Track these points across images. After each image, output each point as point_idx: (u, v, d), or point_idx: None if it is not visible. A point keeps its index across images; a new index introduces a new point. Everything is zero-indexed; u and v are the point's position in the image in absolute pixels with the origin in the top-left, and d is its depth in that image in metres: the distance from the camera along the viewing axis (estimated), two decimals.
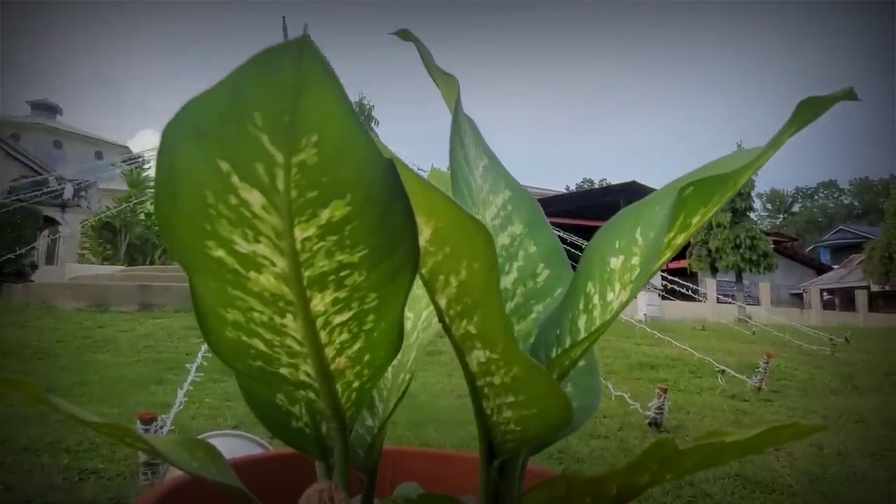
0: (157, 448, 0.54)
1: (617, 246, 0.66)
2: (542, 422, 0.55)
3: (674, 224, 0.56)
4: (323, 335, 0.51)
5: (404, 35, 0.71)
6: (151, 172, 18.01)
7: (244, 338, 0.52)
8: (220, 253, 0.43)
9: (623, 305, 0.56)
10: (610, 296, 0.64)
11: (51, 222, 18.12)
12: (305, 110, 0.31)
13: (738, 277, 21.58)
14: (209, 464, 0.60)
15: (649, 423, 2.98)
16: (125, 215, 14.52)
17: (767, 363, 4.44)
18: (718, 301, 18.68)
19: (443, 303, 0.50)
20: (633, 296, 0.55)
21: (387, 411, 0.68)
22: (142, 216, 15.32)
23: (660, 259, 0.57)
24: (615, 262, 0.66)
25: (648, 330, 6.45)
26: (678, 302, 17.27)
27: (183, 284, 7.80)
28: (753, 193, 23.58)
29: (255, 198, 0.38)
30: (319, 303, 0.47)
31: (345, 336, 0.52)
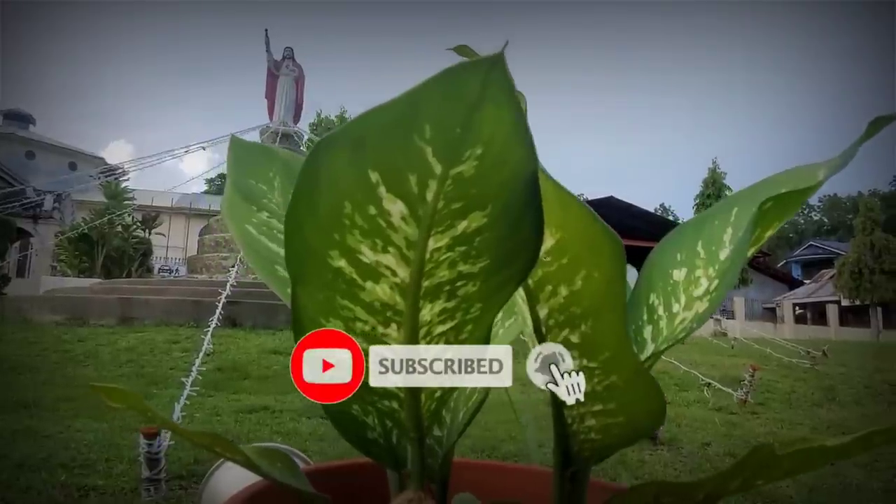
0: (249, 456, 0.54)
1: (679, 259, 0.68)
2: (625, 430, 0.56)
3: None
4: (422, 343, 0.51)
5: (461, 50, 0.73)
6: (130, 184, 17.81)
7: (338, 347, 0.52)
8: (340, 263, 0.44)
9: (702, 316, 0.58)
10: (676, 307, 0.66)
11: (23, 234, 17.73)
12: (479, 124, 0.32)
13: None
14: (288, 472, 0.60)
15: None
16: (103, 227, 14.27)
17: (753, 376, 4.51)
18: None
19: (543, 312, 0.51)
20: (714, 308, 0.56)
21: (456, 421, 0.69)
22: (119, 228, 15.07)
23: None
24: (678, 275, 0.67)
25: None
26: None
27: (164, 298, 7.70)
28: None
29: (397, 208, 0.39)
30: (428, 312, 0.48)
31: (441, 345, 0.52)
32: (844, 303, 27.01)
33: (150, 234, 17.21)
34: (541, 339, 0.54)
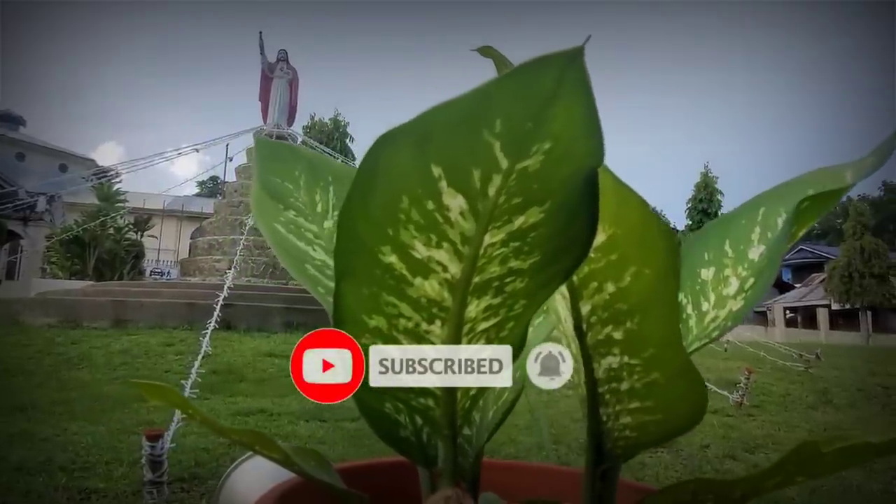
0: (289, 454, 0.54)
1: (706, 258, 0.69)
2: (662, 428, 0.56)
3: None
4: (464, 341, 0.51)
5: (485, 52, 0.73)
6: (123, 186, 17.68)
7: (380, 344, 0.52)
8: (391, 258, 0.44)
9: (737, 314, 0.58)
10: (705, 306, 0.66)
11: (12, 236, 17.58)
12: (551, 118, 0.32)
13: None
14: (322, 470, 0.60)
15: None
16: (95, 229, 14.17)
17: (749, 379, 4.53)
18: None
19: (586, 309, 0.51)
20: (750, 305, 0.57)
21: (485, 420, 0.69)
22: (111, 230, 14.97)
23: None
24: (706, 274, 0.68)
25: None
26: None
27: (158, 300, 7.65)
28: (720, 213, 24.15)
29: (456, 203, 0.39)
30: (474, 309, 0.48)
31: (481, 343, 0.52)
32: (834, 306, 27.21)
33: (142, 236, 17.11)
34: (580, 336, 0.54)
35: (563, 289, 0.53)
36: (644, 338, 0.48)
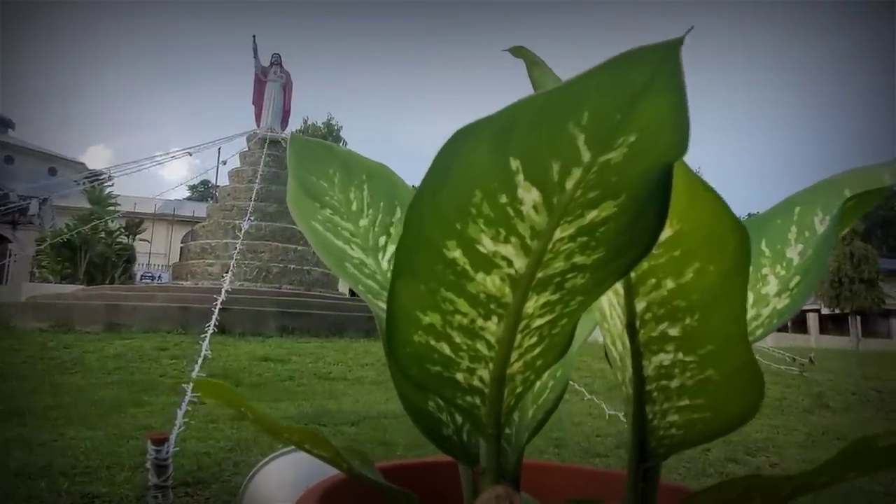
0: (339, 451, 0.53)
1: None
2: (710, 426, 0.56)
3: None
4: (518, 338, 0.51)
5: (517, 52, 0.73)
6: (115, 189, 17.56)
7: (432, 342, 0.52)
8: (455, 254, 0.44)
9: (783, 311, 0.58)
10: None
11: (1, 240, 17.42)
12: (640, 111, 0.32)
13: None
14: (367, 468, 0.60)
15: None
16: (86, 233, 14.05)
17: None
18: None
19: (641, 305, 0.51)
20: (798, 303, 0.57)
21: (524, 420, 0.68)
22: (102, 234, 14.85)
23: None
24: None
25: None
26: None
27: (151, 304, 7.60)
28: None
29: (531, 197, 0.39)
30: (532, 305, 0.48)
31: (533, 340, 0.52)
32: (824, 311, 27.41)
33: (133, 240, 16.99)
34: (633, 333, 0.54)
35: (615, 286, 0.53)
36: (703, 335, 0.48)
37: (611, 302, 0.57)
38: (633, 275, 0.50)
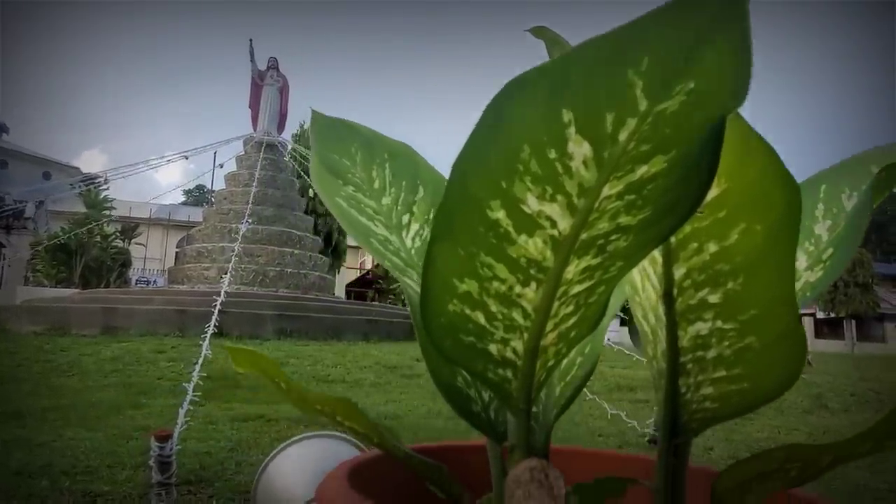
0: (378, 428, 0.53)
1: None
2: (746, 398, 0.56)
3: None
4: (554, 307, 0.51)
5: (538, 32, 0.73)
6: (111, 193, 17.48)
7: (467, 311, 0.51)
8: (499, 214, 0.43)
9: (816, 285, 0.58)
10: None
11: None
12: (703, 55, 0.32)
13: None
14: (401, 447, 0.59)
15: (649, 441, 3.01)
16: (81, 237, 13.98)
17: None
18: None
19: (679, 272, 0.50)
20: (832, 275, 0.56)
21: (552, 397, 0.68)
22: (98, 238, 14.77)
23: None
24: None
25: (626, 352, 6.54)
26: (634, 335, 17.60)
27: (148, 307, 7.56)
28: None
29: (581, 151, 0.38)
30: (572, 270, 0.47)
31: (570, 308, 0.52)
32: (819, 315, 27.49)
33: (129, 244, 16.91)
34: (669, 303, 0.53)
35: (653, 253, 0.52)
36: (746, 299, 0.47)
37: (644, 273, 0.56)
38: (672, 240, 0.49)
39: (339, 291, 12.61)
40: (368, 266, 27.71)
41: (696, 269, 0.49)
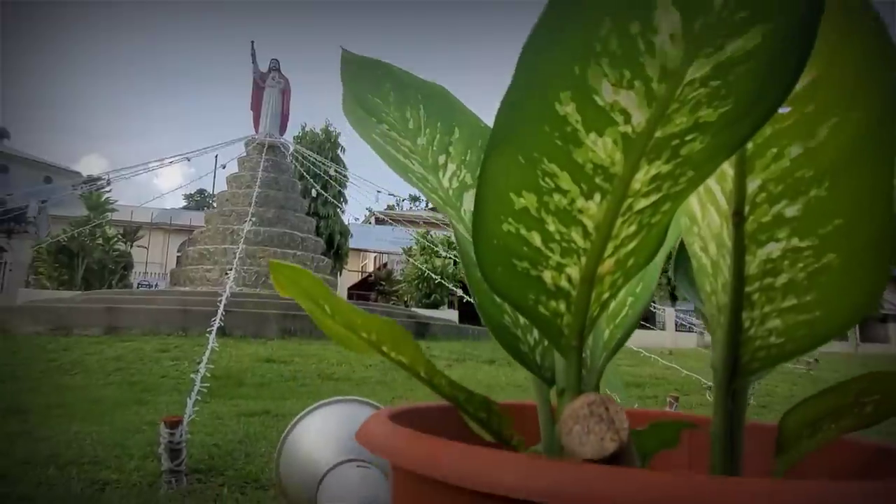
0: (426, 359, 0.49)
1: None
2: (814, 331, 0.52)
3: None
4: (616, 225, 0.47)
5: None
6: (113, 194, 17.45)
7: (523, 231, 0.48)
8: (568, 108, 0.40)
9: None
10: None
11: None
12: None
13: None
14: (448, 379, 0.56)
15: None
16: (83, 239, 13.96)
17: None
18: (677, 329, 19.12)
19: (754, 184, 0.47)
20: None
21: (600, 340, 0.64)
22: (100, 240, 14.74)
23: None
24: None
25: (633, 349, 6.50)
26: (636, 331, 17.52)
27: (151, 307, 7.51)
28: None
29: (670, 21, 0.35)
30: (641, 178, 0.44)
31: (631, 229, 0.48)
32: None
33: (131, 246, 16.88)
34: (739, 223, 0.50)
35: (723, 167, 0.49)
36: (831, 208, 0.43)
37: (709, 195, 0.53)
38: (749, 146, 0.46)
39: (342, 293, 12.56)
40: (371, 269, 27.68)
41: (774, 180, 0.46)
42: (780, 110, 0.43)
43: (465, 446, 0.42)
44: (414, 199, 43.02)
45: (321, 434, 0.84)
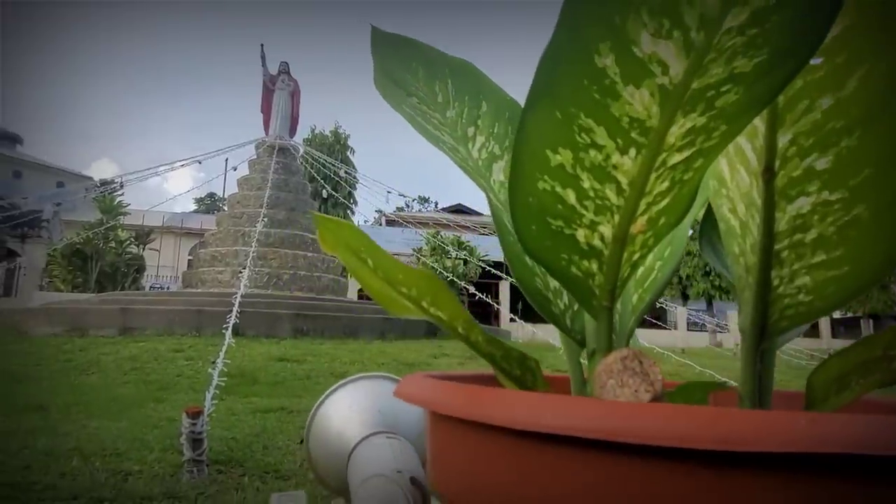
0: (465, 315, 0.50)
1: None
2: (843, 286, 0.53)
3: None
4: (650, 181, 0.48)
5: None
6: (125, 198, 17.62)
7: (558, 188, 0.49)
8: (607, 60, 0.41)
9: None
10: None
11: (10, 254, 17.52)
12: None
13: (709, 305, 21.99)
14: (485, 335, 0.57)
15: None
16: (97, 242, 14.10)
17: None
18: (688, 329, 19.03)
19: (785, 139, 0.48)
20: None
21: (629, 304, 0.65)
22: (113, 244, 14.88)
23: None
24: None
25: (646, 345, 6.48)
26: (647, 330, 17.43)
27: (165, 308, 7.57)
28: None
29: None
30: (676, 131, 0.45)
31: (664, 185, 0.49)
32: (836, 315, 27.22)
33: (143, 249, 17.03)
34: (769, 179, 0.51)
35: (755, 122, 0.50)
36: (861, 158, 0.44)
37: (739, 154, 0.54)
38: (780, 99, 0.47)
39: (352, 294, 12.60)
40: None
41: (805, 133, 0.47)
42: (812, 61, 0.44)
43: (507, 390, 0.43)
44: (423, 200, 43.06)
45: (350, 409, 0.85)
